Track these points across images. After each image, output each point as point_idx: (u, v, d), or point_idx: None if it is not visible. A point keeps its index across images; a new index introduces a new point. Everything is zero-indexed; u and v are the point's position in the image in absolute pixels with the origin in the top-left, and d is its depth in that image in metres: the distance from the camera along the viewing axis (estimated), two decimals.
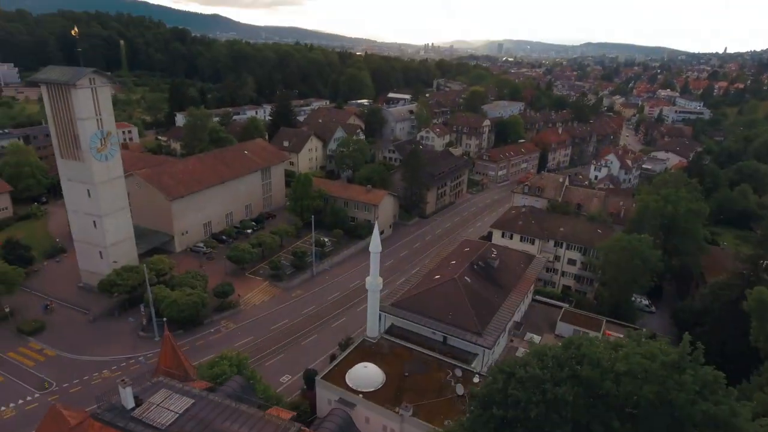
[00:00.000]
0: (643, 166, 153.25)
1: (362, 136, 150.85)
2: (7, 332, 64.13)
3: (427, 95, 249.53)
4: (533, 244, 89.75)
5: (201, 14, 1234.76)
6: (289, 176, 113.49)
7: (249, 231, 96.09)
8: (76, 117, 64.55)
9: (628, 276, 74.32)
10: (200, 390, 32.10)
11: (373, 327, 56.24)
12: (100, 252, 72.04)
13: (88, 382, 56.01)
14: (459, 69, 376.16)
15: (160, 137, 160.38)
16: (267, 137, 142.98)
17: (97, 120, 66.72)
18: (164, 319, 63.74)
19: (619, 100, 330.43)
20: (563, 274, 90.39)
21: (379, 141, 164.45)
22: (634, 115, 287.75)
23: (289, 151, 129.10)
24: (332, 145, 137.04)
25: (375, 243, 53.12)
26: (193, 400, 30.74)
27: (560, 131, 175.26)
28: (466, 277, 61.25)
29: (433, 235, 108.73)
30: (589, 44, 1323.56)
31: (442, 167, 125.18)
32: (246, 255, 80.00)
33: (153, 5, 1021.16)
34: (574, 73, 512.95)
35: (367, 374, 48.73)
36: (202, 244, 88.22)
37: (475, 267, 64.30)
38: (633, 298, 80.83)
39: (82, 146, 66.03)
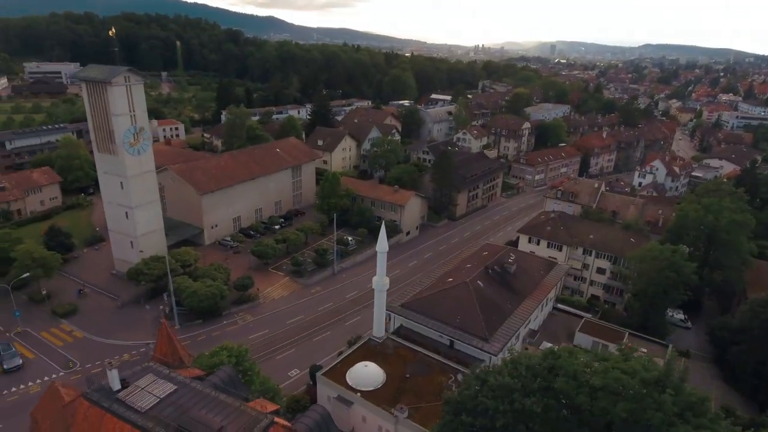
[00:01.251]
0: (693, 173, 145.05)
1: (397, 137, 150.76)
2: (43, 313, 68.50)
3: (470, 96, 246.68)
4: (561, 250, 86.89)
5: (257, 16, 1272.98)
6: (321, 175, 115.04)
7: (276, 227, 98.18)
8: (111, 113, 68.14)
9: (658, 288, 70.71)
10: (186, 377, 33.14)
11: (380, 327, 56.18)
12: (131, 242, 75.73)
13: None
14: (506, 71, 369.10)
15: (205, 134, 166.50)
16: (304, 136, 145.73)
17: (131, 116, 70.15)
18: (183, 308, 66.47)
19: (675, 104, 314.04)
20: (592, 283, 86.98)
21: (415, 142, 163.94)
22: (691, 120, 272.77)
23: (323, 150, 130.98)
24: (366, 145, 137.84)
25: (382, 242, 53.12)
26: (176, 387, 31.79)
27: (605, 135, 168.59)
28: (478, 281, 60.12)
29: (460, 237, 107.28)
30: (648, 45, 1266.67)
31: (474, 169, 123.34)
32: (269, 250, 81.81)
33: (212, 8, 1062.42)
34: (629, 75, 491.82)
35: (366, 373, 48.76)
36: (229, 238, 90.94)
37: (490, 271, 62.99)
38: (668, 312, 76.62)
39: (116, 141, 69.63)
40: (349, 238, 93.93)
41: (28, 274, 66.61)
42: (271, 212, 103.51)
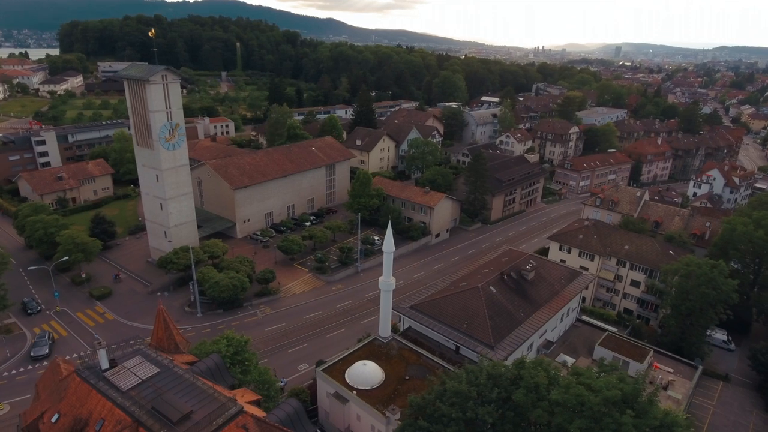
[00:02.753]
0: (755, 185, 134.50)
1: (438, 139, 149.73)
2: (82, 295, 73.41)
3: (521, 99, 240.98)
4: (593, 260, 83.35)
5: (317, 18, 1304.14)
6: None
7: (307, 224, 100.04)
8: (148, 109, 72.00)
9: (693, 305, 66.41)
10: (171, 362, 34.56)
11: (385, 327, 56.05)
12: (165, 232, 79.66)
13: (132, 346, 62.21)
14: (562, 73, 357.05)
15: (252, 132, 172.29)
16: (345, 135, 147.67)
17: (167, 113, 73.78)
18: (205, 297, 69.21)
19: (748, 110, 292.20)
20: (625, 296, 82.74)
21: (457, 144, 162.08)
22: (764, 128, 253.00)
23: (361, 150, 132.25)
24: (405, 146, 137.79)
25: (388, 242, 52.93)
26: (159, 370, 33.26)
27: (659, 141, 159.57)
28: (491, 287, 58.70)
29: (492, 242, 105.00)
30: (723, 48, 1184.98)
31: (512, 173, 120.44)
32: (294, 246, 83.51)
33: (275, 10, 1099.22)
34: (699, 79, 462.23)
35: (364, 372, 48.82)
36: (259, 233, 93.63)
37: (505, 277, 61.31)
38: (708, 332, 71.37)
39: (153, 135, 73.48)
40: (376, 238, 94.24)
41: (67, 257, 71.56)
42: (303, 209, 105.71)
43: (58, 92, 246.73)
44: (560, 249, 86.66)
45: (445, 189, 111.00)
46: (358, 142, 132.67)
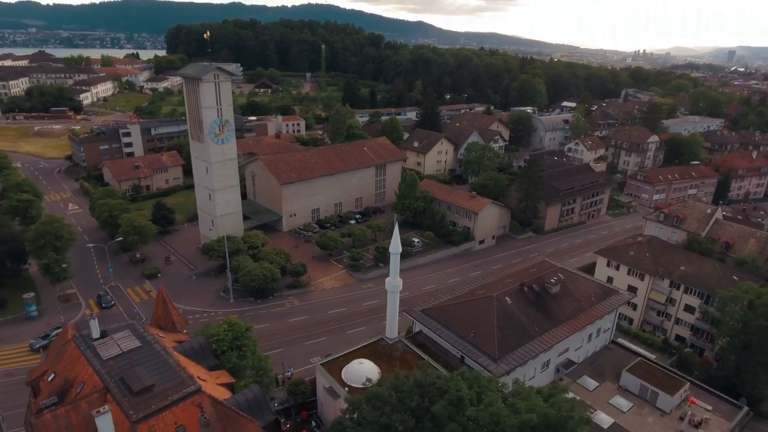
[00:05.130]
0: None
1: (501, 143, 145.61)
2: (135, 273, 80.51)
3: (604, 104, 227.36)
4: (642, 279, 76.94)
5: (407, 21, 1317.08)
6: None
7: (352, 222, 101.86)
8: (201, 105, 77.34)
9: (751, 338, 59.69)
10: (154, 338, 37.15)
11: (392, 328, 55.81)
12: (212, 220, 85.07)
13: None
14: (657, 78, 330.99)
15: (319, 131, 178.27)
16: (405, 137, 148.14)
17: (218, 109, 78.77)
18: (238, 285, 73.08)
19: None
20: (678, 321, 75.48)
21: (523, 149, 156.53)
22: None
23: (418, 152, 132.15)
24: (463, 150, 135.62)
25: (395, 243, 52.59)
26: (140, 344, 35.92)
27: (755, 155, 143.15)
28: (506, 298, 56.37)
29: (541, 253, 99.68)
30: None
31: (573, 182, 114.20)
32: (331, 242, 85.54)
33: (366, 14, 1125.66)
34: None
35: (359, 371, 48.92)
36: (302, 227, 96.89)
37: (526, 289, 58.52)
38: None
39: (204, 130, 78.79)
40: (416, 240, 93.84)
41: (121, 238, 78.88)
42: (350, 207, 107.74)
43: (159, 89, 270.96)
44: (608, 265, 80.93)
45: (497, 195, 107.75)
46: (416, 144, 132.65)
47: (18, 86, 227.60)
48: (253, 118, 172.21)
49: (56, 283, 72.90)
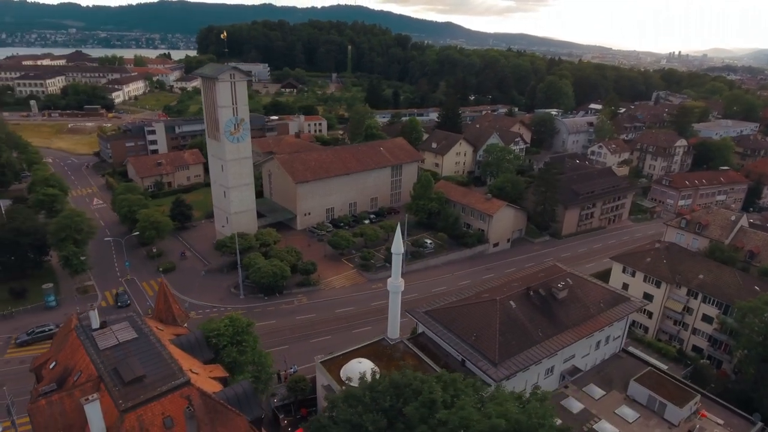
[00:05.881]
0: None
1: (521, 146, 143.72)
2: (151, 267, 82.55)
3: (633, 107, 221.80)
4: (659, 287, 74.78)
5: (435, 22, 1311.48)
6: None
7: (366, 221, 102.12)
8: (217, 104, 78.83)
9: (765, 352, 57.50)
10: (151, 331, 38.06)
11: (394, 328, 55.75)
12: (227, 218, 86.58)
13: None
14: (691, 81, 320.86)
15: (340, 131, 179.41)
16: (425, 137, 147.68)
17: (233, 108, 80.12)
18: (249, 281, 74.09)
19: None
20: (695, 331, 73.06)
21: (544, 152, 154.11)
22: None
23: (436, 153, 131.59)
24: (481, 152, 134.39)
25: (397, 244, 52.54)
26: (137, 336, 36.86)
27: None
28: (511, 301, 55.60)
29: (557, 258, 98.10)
30: None
31: (593, 186, 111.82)
32: (342, 241, 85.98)
33: (395, 15, 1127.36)
34: None
35: (356, 370, 48.77)
36: (316, 226, 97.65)
37: (531, 293, 57.60)
38: None
39: (220, 128, 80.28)
40: (428, 241, 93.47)
41: (137, 233, 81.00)
42: (365, 207, 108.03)
43: (188, 89, 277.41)
44: (623, 271, 79.01)
45: (515, 198, 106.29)
46: (434, 145, 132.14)
47: (55, 85, 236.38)
48: (275, 117, 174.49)
49: (75, 275, 75.39)
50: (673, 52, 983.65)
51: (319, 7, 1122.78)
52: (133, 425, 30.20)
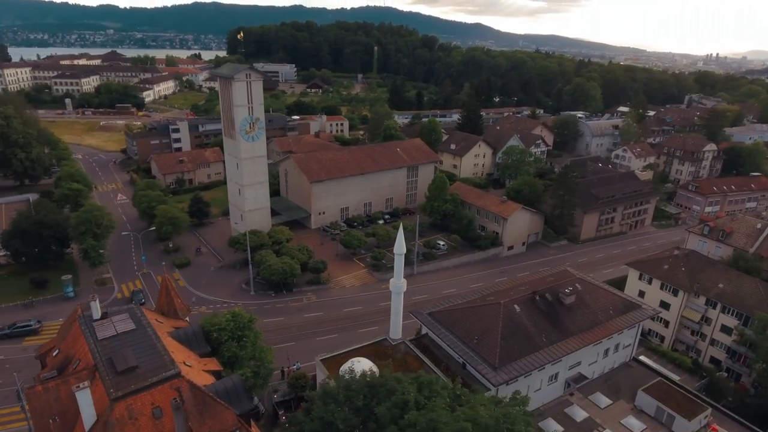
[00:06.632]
0: None
1: (543, 148, 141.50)
2: (167, 262, 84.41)
3: (663, 110, 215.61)
4: (676, 295, 72.51)
5: (464, 23, 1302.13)
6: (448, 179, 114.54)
7: (380, 221, 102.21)
8: (233, 103, 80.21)
9: None
10: (149, 323, 38.96)
11: (396, 329, 55.67)
12: (241, 215, 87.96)
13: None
14: (726, 83, 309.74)
15: (361, 131, 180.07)
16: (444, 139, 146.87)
17: (249, 107, 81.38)
18: (260, 278, 75.14)
19: None
20: (713, 342, 70.53)
21: (567, 155, 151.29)
22: None
23: (454, 155, 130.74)
24: (501, 154, 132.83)
25: (399, 244, 52.48)
26: (134, 327, 37.78)
27: None
28: (515, 305, 54.79)
29: (573, 263, 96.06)
30: None
31: (614, 190, 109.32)
32: (354, 241, 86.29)
33: (424, 16, 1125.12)
34: None
35: (354, 368, 49.01)
36: (328, 225, 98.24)
37: (537, 298, 56.63)
38: None
39: (236, 127, 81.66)
40: (441, 243, 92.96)
41: (154, 228, 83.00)
42: (381, 207, 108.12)
43: (216, 88, 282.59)
44: (640, 278, 76.89)
45: (532, 200, 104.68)
46: (453, 147, 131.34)
47: (89, 83, 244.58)
48: (297, 117, 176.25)
49: (94, 268, 77.82)
50: (711, 54, 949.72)
51: (348, 8, 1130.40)
52: (123, 414, 30.94)
